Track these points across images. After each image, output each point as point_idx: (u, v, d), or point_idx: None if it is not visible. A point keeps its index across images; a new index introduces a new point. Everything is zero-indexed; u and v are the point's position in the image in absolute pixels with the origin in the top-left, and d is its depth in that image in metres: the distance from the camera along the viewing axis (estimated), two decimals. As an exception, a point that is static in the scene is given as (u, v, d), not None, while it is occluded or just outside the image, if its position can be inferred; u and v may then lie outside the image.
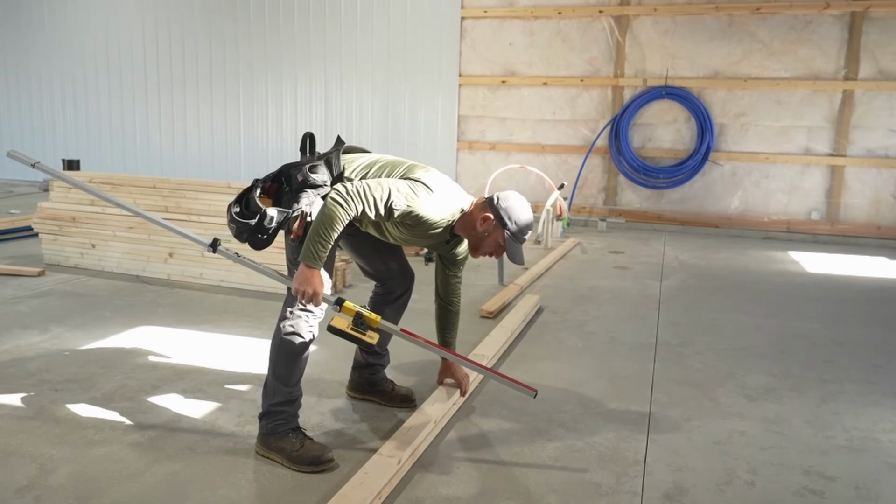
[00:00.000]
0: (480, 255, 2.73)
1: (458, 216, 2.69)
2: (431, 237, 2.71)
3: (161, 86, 10.15)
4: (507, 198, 2.66)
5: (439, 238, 2.74)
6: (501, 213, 2.61)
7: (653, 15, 7.93)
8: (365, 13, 8.94)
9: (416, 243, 2.81)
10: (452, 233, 2.73)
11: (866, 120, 7.49)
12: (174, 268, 5.28)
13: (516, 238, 2.62)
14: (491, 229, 2.62)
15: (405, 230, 2.64)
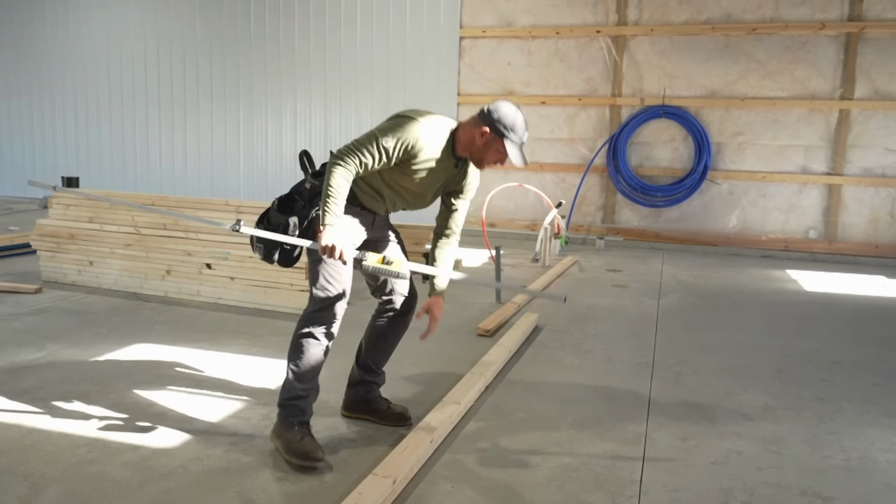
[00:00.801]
0: (487, 166, 2.85)
1: (451, 134, 2.80)
2: (441, 169, 2.79)
3: (161, 104, 10.22)
4: (498, 108, 2.77)
5: (447, 164, 2.81)
6: (497, 124, 2.74)
7: (650, 35, 8.00)
8: (364, 32, 9.02)
9: (435, 185, 2.85)
10: (457, 155, 2.83)
11: (863, 139, 7.53)
12: (171, 285, 5.28)
13: (514, 143, 2.76)
14: (490, 140, 2.75)
15: (413, 170, 2.73)
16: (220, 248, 5.17)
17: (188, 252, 5.25)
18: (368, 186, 2.84)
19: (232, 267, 5.09)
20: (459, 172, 2.90)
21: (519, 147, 2.78)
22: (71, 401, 3.22)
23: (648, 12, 7.99)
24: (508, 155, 2.76)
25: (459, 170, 2.89)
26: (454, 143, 2.81)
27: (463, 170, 2.90)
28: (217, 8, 9.69)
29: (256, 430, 2.95)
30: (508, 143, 2.74)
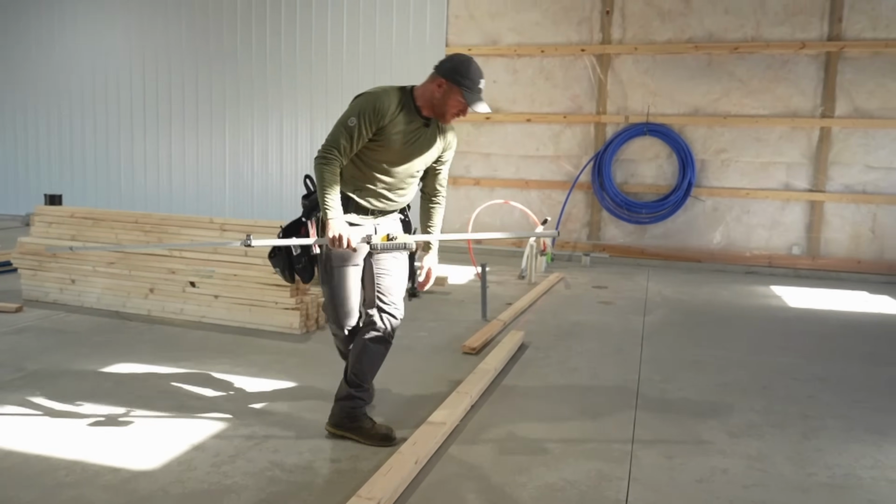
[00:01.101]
0: (450, 117, 2.93)
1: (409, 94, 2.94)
2: (412, 131, 2.92)
3: (147, 120, 10.18)
4: (451, 58, 2.92)
5: (417, 125, 2.93)
6: (451, 74, 2.86)
7: (633, 54, 8.08)
8: (350, 49, 9.05)
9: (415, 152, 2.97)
10: (422, 115, 2.94)
11: (844, 156, 7.63)
12: (154, 303, 5.23)
13: (471, 90, 2.85)
14: (447, 90, 2.86)
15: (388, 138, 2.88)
16: (205, 265, 5.14)
17: (172, 270, 5.21)
18: (359, 180, 2.98)
19: (216, 285, 5.06)
20: (432, 133, 3.00)
21: (477, 94, 2.85)
22: (49, 422, 3.17)
23: (632, 31, 8.08)
24: (467, 102, 2.85)
25: (432, 130, 3.00)
26: (415, 104, 2.94)
27: (435, 130, 3.01)
28: (203, 26, 9.70)
29: (239, 451, 2.91)
30: (465, 90, 2.84)
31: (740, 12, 7.74)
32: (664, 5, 7.96)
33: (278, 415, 3.32)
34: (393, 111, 2.87)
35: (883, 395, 3.83)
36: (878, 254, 7.62)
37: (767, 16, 7.68)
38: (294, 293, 4.86)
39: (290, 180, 9.54)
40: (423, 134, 2.97)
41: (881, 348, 4.81)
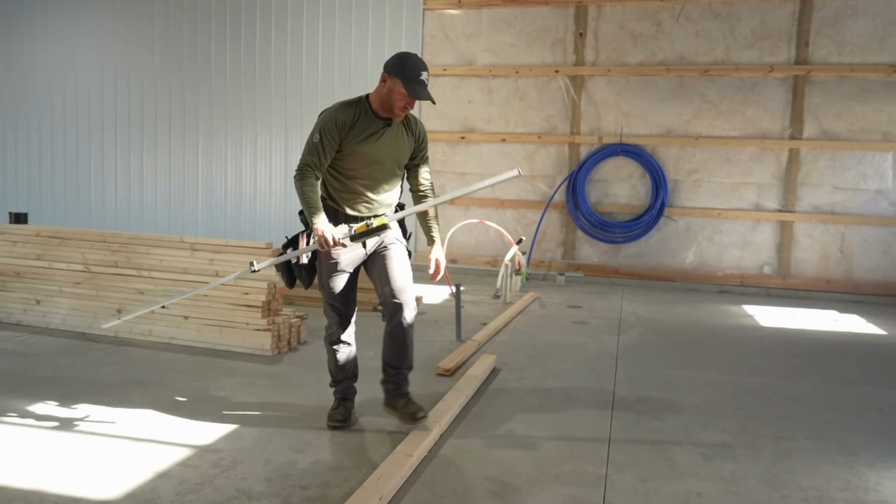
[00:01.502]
0: (399, 111, 3.08)
1: (365, 100, 3.15)
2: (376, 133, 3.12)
3: (118, 137, 10.04)
4: (395, 55, 3.12)
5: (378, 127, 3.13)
6: (391, 68, 3.05)
7: (607, 75, 8.18)
8: (325, 67, 9.03)
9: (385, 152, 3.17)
10: (380, 116, 3.13)
11: (812, 177, 7.77)
12: (122, 324, 5.10)
13: (411, 80, 3.00)
14: (391, 85, 3.04)
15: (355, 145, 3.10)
16: (174, 286, 5.04)
17: (140, 290, 5.11)
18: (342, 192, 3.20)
19: (186, 306, 4.96)
20: (396, 131, 3.18)
21: (419, 84, 2.99)
22: (6, 450, 3.05)
23: (605, 53, 8.18)
24: (408, 93, 3.00)
25: (395, 128, 3.18)
26: (371, 108, 3.13)
27: (398, 127, 3.19)
28: (177, 41, 9.62)
29: (205, 479, 2.83)
30: (407, 82, 2.99)
31: (710, 36, 7.89)
32: (636, 28, 8.08)
33: (247, 440, 3.24)
34: (351, 120, 3.10)
35: (854, 414, 3.85)
36: (846, 273, 7.74)
37: (737, 40, 7.83)
38: (265, 314, 4.78)
39: (264, 197, 9.46)
40: (387, 133, 3.17)
41: (851, 368, 4.86)
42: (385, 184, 3.26)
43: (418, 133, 3.30)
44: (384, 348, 3.35)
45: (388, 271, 3.26)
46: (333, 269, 3.27)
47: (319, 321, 5.68)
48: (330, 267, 3.26)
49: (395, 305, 3.24)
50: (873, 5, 7.47)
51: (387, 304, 3.27)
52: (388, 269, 3.27)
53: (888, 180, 7.59)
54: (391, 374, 3.35)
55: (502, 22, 8.45)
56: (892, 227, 7.59)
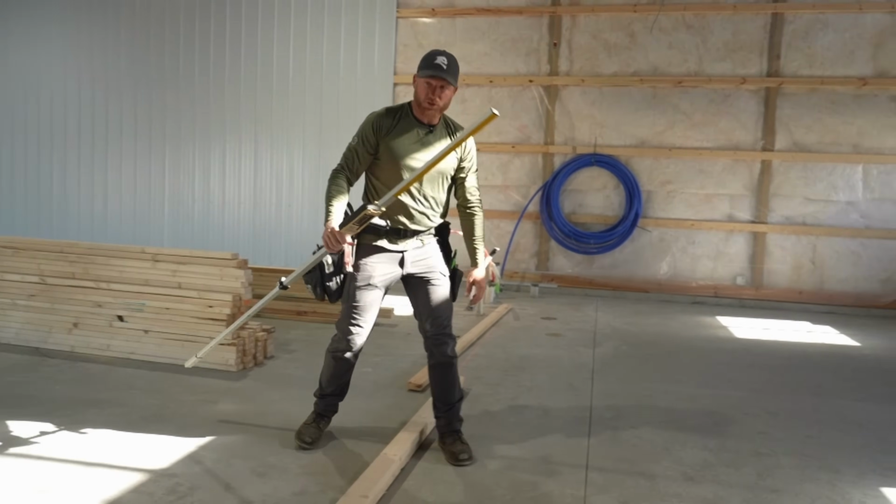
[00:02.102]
0: (427, 105, 2.99)
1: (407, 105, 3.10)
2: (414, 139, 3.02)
3: (81, 144, 9.73)
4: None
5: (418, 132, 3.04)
6: (417, 69, 3.01)
7: (581, 86, 8.14)
8: (297, 76, 8.87)
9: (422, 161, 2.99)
10: (420, 121, 3.05)
11: (784, 189, 7.79)
12: (79, 339, 4.88)
13: (425, 66, 2.96)
14: (416, 83, 3.03)
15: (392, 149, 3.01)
16: (135, 298, 4.83)
17: (98, 303, 4.89)
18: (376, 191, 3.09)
19: (146, 319, 4.76)
20: (439, 137, 3.07)
21: (432, 68, 2.93)
22: (-55, 477, 2.84)
23: (579, 63, 8.14)
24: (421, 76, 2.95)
25: (438, 135, 3.07)
26: (412, 112, 3.07)
27: (442, 135, 3.08)
28: (143, 46, 9.38)
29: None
30: (421, 70, 2.97)
31: (683, 47, 7.90)
32: (610, 39, 8.06)
33: (206, 462, 3.06)
34: (390, 124, 3.04)
35: (833, 429, 3.79)
36: (818, 284, 7.76)
37: (710, 52, 7.85)
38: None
39: (233, 206, 9.23)
40: (429, 140, 3.05)
41: (827, 380, 4.82)
42: (427, 195, 3.08)
43: (466, 144, 3.12)
44: (431, 385, 3.27)
45: (430, 305, 3.15)
46: (363, 281, 3.11)
47: (287, 335, 5.52)
48: (360, 279, 3.11)
49: (436, 343, 3.16)
50: (843, 19, 7.54)
51: (427, 339, 3.18)
52: (429, 302, 3.15)
53: (858, 192, 7.64)
54: (442, 409, 3.24)
55: (476, 31, 8.38)
56: (863, 238, 7.64)
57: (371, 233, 3.06)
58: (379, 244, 3.10)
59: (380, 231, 3.06)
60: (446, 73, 2.94)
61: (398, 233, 3.08)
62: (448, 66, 2.96)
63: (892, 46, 7.47)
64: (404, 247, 3.11)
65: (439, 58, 2.97)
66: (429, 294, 3.15)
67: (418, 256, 3.15)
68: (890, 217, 7.58)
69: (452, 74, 2.97)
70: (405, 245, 3.11)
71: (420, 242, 3.15)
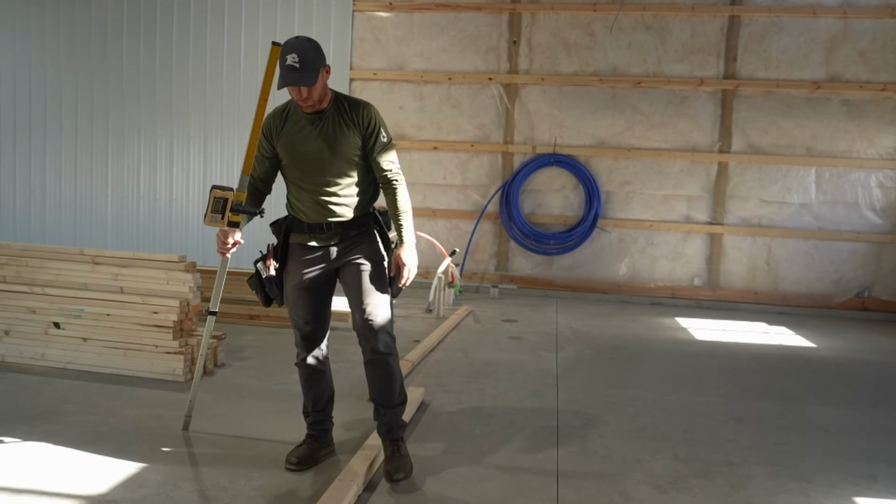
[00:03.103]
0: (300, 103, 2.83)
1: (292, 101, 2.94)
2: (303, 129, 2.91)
3: (17, 139, 9.20)
4: None
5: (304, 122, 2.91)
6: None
7: (540, 84, 8.05)
8: (248, 68, 8.54)
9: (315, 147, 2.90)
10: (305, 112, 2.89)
11: (740, 190, 7.84)
12: (10, 347, 4.53)
13: (280, 70, 2.77)
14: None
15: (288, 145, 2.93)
16: (72, 303, 4.51)
17: (32, 309, 4.55)
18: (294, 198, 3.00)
19: (85, 326, 4.44)
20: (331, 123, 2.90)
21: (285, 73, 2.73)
22: None
23: (539, 62, 8.05)
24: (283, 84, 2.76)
25: (329, 121, 2.90)
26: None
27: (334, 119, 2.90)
28: (85, 36, 8.90)
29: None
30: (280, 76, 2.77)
31: (642, 48, 7.87)
32: (570, 38, 7.99)
33: (150, 486, 2.81)
34: (279, 125, 2.96)
35: (800, 435, 3.75)
36: (773, 285, 7.84)
37: (668, 53, 7.84)
38: (178, 335, 4.33)
39: (181, 206, 8.85)
40: (320, 127, 2.91)
41: (789, 383, 4.81)
42: (333, 183, 2.91)
43: (362, 119, 2.91)
44: (368, 385, 3.03)
45: (358, 291, 2.92)
46: (292, 282, 2.99)
47: (239, 341, 5.26)
48: (289, 280, 3.00)
49: (365, 336, 2.92)
50: (797, 23, 7.62)
51: (357, 332, 2.96)
52: (358, 288, 2.93)
53: (811, 194, 7.74)
54: (379, 412, 3.00)
55: (434, 27, 8.20)
56: (816, 240, 7.74)
57: (297, 231, 2.98)
58: (304, 242, 2.98)
59: (303, 228, 2.96)
60: (301, 75, 2.70)
61: (320, 227, 2.93)
62: (301, 63, 2.69)
63: (844, 51, 7.58)
64: (330, 241, 2.95)
65: (290, 57, 2.70)
66: (356, 279, 2.93)
67: (346, 246, 2.97)
68: (841, 219, 7.70)
69: (309, 71, 2.71)
70: (331, 239, 2.95)
71: (347, 233, 2.95)
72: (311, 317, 3.00)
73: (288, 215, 3.05)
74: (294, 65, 2.69)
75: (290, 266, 3.00)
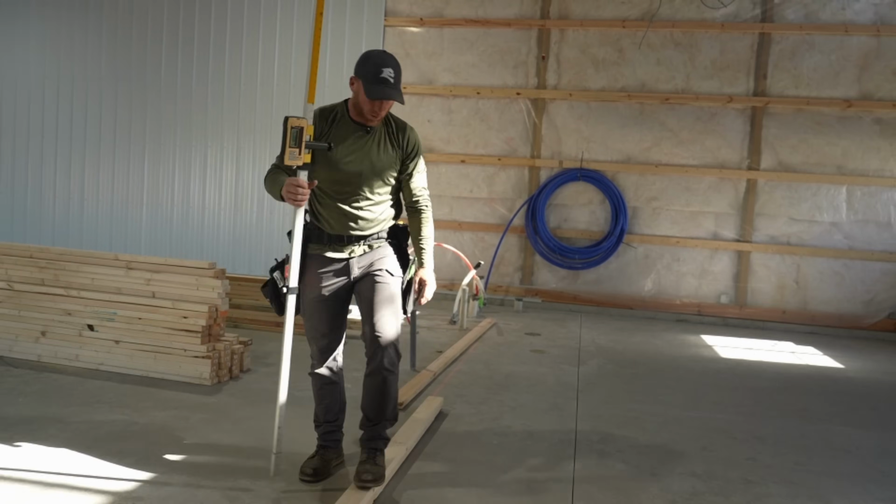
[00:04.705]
0: (369, 115, 2.83)
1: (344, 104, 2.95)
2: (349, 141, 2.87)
3: (59, 146, 9.50)
4: (362, 54, 2.86)
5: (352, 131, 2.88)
6: (356, 69, 2.83)
7: (568, 100, 8.09)
8: (282, 80, 8.74)
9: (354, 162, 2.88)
10: (355, 121, 2.90)
11: (769, 208, 7.78)
12: (46, 348, 4.69)
13: (370, 81, 2.75)
14: (357, 87, 2.83)
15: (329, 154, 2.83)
16: (106, 307, 4.66)
17: (68, 311, 4.71)
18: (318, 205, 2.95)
19: (118, 329, 4.59)
20: (378, 139, 2.91)
21: (379, 84, 2.72)
22: None
23: (567, 77, 8.10)
24: (371, 96, 2.74)
25: (376, 136, 2.91)
26: (349, 112, 2.91)
27: (381, 136, 2.92)
28: (125, 48, 9.19)
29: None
30: (365, 82, 2.76)
31: (671, 64, 7.88)
32: (598, 54, 8.03)
33: (175, 485, 2.90)
34: (324, 124, 2.90)
35: (821, 455, 3.71)
36: (801, 304, 7.74)
37: (697, 69, 7.84)
38: (206, 340, 4.44)
39: (213, 214, 9.05)
40: (365, 141, 2.89)
41: (813, 404, 4.76)
42: (366, 198, 2.92)
43: (406, 141, 2.96)
44: (362, 395, 3.02)
45: (371, 303, 2.92)
46: (310, 294, 2.98)
47: (265, 347, 5.36)
48: (307, 291, 2.99)
49: (373, 348, 2.91)
50: (829, 41, 7.57)
51: (366, 343, 2.94)
52: (371, 300, 2.93)
53: (842, 213, 7.65)
54: (366, 423, 3.00)
55: (464, 42, 8.31)
56: (846, 259, 7.64)
57: (316, 242, 2.96)
58: (324, 254, 2.95)
59: (323, 238, 2.94)
60: (394, 91, 2.76)
61: (341, 239, 2.94)
62: (395, 78, 2.77)
63: (876, 69, 7.51)
64: (349, 253, 2.95)
65: (386, 70, 2.75)
66: (371, 291, 2.93)
67: (365, 260, 2.98)
68: (873, 238, 7.60)
69: (398, 89, 2.79)
70: (350, 251, 2.95)
71: (368, 247, 2.98)
72: (327, 329, 3.00)
73: (305, 225, 2.99)
74: (389, 79, 2.74)
75: (307, 278, 2.97)
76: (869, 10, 7.48)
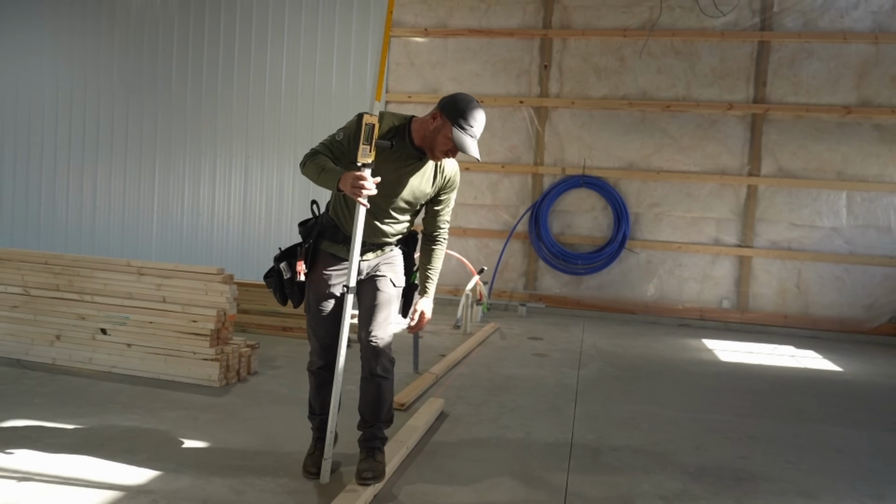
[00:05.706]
0: (439, 154, 2.83)
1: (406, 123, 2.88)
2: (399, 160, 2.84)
3: (71, 153, 9.71)
4: (454, 95, 2.83)
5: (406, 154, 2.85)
6: (448, 108, 2.76)
7: (570, 108, 8.22)
8: (289, 90, 8.91)
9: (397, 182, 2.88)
10: (415, 145, 2.86)
11: (769, 213, 7.87)
12: (61, 351, 4.85)
13: (464, 130, 2.74)
14: (440, 125, 2.77)
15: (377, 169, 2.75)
16: (119, 311, 4.81)
17: (82, 316, 4.86)
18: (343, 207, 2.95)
19: (130, 333, 4.73)
20: (426, 167, 2.91)
21: (470, 136, 2.74)
22: (-83, 491, 2.80)
23: (569, 86, 8.23)
24: (454, 141, 2.73)
25: (425, 164, 2.92)
26: (410, 134, 2.86)
27: (430, 165, 2.93)
28: (137, 58, 9.40)
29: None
30: (458, 128, 2.73)
31: (672, 72, 8.00)
32: (600, 62, 8.16)
33: (184, 480, 3.03)
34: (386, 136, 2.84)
35: (812, 454, 3.80)
36: (802, 309, 7.81)
37: (697, 77, 7.95)
38: (214, 343, 4.58)
39: (221, 222, 9.22)
40: (413, 166, 2.91)
41: (809, 405, 4.84)
42: (394, 216, 2.98)
43: (448, 176, 3.01)
44: (359, 398, 3.09)
45: (370, 308, 2.98)
46: (316, 292, 3.02)
47: (272, 351, 5.50)
48: (314, 289, 3.02)
49: (366, 353, 2.98)
50: (828, 49, 7.66)
51: (361, 346, 3.00)
52: (370, 305, 2.98)
53: (842, 218, 7.72)
54: (362, 424, 3.09)
55: (468, 51, 8.46)
56: (847, 264, 7.71)
57: (330, 240, 3.00)
58: (335, 253, 3.00)
59: (338, 238, 2.98)
60: (476, 146, 2.79)
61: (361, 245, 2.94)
62: (480, 132, 2.80)
63: (875, 76, 7.59)
64: (362, 258, 2.98)
65: (477, 126, 2.76)
66: (372, 296, 2.98)
67: (373, 263, 3.04)
68: (873, 243, 7.67)
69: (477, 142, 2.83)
70: (364, 257, 2.99)
71: (379, 252, 3.05)
72: (331, 327, 3.03)
73: (317, 219, 3.02)
74: (476, 134, 2.78)
75: (315, 275, 3.00)
76: (867, 18, 7.58)
